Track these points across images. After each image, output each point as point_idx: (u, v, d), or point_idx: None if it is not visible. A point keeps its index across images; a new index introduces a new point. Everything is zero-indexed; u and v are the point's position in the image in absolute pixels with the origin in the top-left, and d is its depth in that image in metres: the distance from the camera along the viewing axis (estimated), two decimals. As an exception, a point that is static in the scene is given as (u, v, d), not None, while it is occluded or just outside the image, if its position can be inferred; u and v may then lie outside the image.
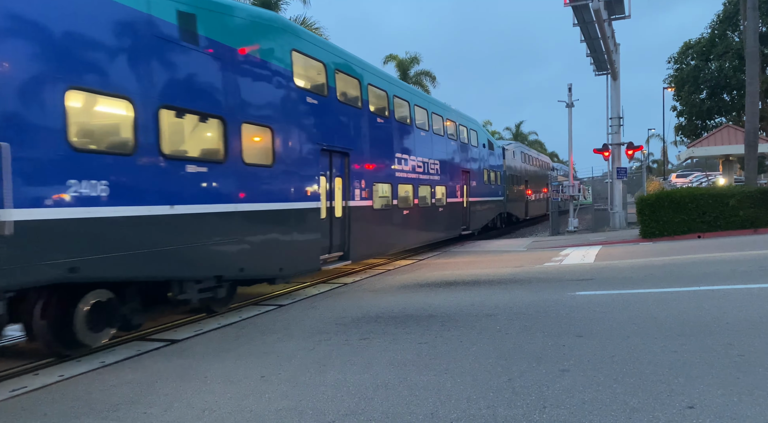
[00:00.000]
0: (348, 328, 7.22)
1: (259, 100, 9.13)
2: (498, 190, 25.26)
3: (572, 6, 18.88)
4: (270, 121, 9.33)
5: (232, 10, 8.53)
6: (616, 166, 23.20)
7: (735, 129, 24.90)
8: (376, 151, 13.37)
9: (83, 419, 4.54)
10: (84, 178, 6.04)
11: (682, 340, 5.58)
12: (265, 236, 9.16)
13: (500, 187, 25.68)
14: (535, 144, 69.06)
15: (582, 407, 4.08)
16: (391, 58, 36.12)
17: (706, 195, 17.01)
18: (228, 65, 8.34)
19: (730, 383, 4.32)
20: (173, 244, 7.26)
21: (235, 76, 8.49)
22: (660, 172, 58.54)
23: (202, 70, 7.86)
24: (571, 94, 25.63)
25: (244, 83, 8.70)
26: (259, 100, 9.11)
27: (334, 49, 12.08)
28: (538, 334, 6.20)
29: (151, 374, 5.68)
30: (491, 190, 24.08)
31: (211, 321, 8.36)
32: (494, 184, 24.56)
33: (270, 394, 4.84)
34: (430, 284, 10.63)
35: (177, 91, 7.39)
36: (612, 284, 9.24)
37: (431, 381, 4.88)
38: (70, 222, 5.91)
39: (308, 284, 11.66)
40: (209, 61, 7.99)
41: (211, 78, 8.02)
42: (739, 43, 31.09)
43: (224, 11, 8.35)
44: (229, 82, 8.35)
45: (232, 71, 8.43)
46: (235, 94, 8.45)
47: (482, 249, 18.37)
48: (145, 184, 6.81)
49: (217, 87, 8.10)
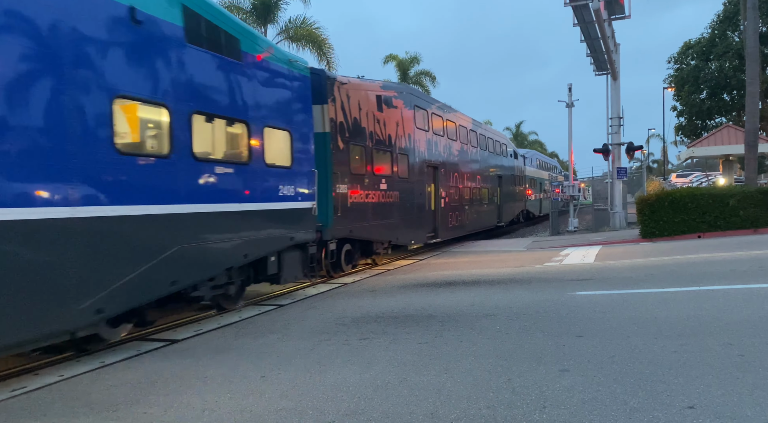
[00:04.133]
0: (348, 328, 7.22)
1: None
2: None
3: (572, 6, 18.89)
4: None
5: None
6: (616, 166, 23.19)
7: (735, 129, 24.88)
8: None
9: (83, 419, 4.54)
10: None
11: (682, 340, 5.57)
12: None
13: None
14: (535, 144, 69.02)
15: (582, 407, 4.08)
16: (391, 58, 36.12)
17: (706, 195, 17.01)
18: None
19: (730, 383, 4.32)
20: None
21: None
22: (660, 172, 58.56)
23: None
24: (571, 94, 25.63)
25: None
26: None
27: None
28: (538, 334, 6.19)
29: (151, 374, 5.68)
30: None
31: (211, 321, 8.36)
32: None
33: (270, 394, 4.84)
34: (430, 284, 10.63)
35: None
36: (612, 284, 9.24)
37: (431, 381, 4.88)
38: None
39: (308, 284, 11.66)
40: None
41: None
42: (739, 43, 31.08)
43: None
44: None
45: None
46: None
47: (482, 249, 18.37)
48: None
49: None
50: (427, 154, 16.91)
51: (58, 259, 5.40)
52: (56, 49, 5.46)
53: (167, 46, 6.90)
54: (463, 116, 21.29)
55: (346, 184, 12.14)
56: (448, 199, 18.45)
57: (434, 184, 17.55)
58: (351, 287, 11.12)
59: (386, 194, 13.99)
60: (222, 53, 7.81)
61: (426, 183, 16.75)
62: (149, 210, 6.48)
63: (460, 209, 19.73)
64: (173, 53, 6.99)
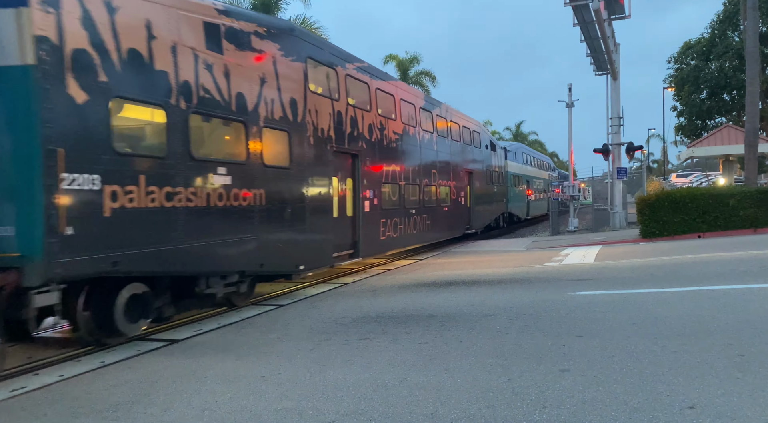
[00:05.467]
0: (348, 328, 7.22)
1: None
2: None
3: (572, 6, 18.88)
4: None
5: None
6: (616, 166, 23.19)
7: (735, 129, 24.89)
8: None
9: (83, 419, 4.54)
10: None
11: (682, 340, 5.57)
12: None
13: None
14: (535, 144, 69.00)
15: (582, 407, 4.08)
16: (391, 58, 36.14)
17: (706, 195, 17.01)
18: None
19: (730, 383, 4.32)
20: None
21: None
22: (660, 172, 58.53)
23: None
24: (571, 94, 25.63)
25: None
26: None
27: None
28: (538, 334, 6.19)
29: (151, 374, 5.68)
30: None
31: (211, 321, 8.36)
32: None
33: (270, 394, 4.84)
34: (430, 284, 10.62)
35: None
36: (612, 284, 9.24)
37: (431, 381, 4.88)
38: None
39: (308, 284, 11.66)
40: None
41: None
42: (739, 43, 31.08)
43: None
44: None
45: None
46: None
47: (482, 249, 18.37)
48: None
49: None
50: (335, 135, 11.25)
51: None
52: None
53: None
54: (409, 88, 16.61)
55: (98, 175, 6.16)
56: (378, 200, 13.21)
57: (353, 180, 12.32)
58: (351, 287, 11.12)
59: (228, 194, 8.09)
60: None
61: (334, 177, 11.32)
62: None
63: (401, 214, 14.56)
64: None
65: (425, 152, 16.37)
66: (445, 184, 17.97)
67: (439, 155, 17.55)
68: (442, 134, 18.00)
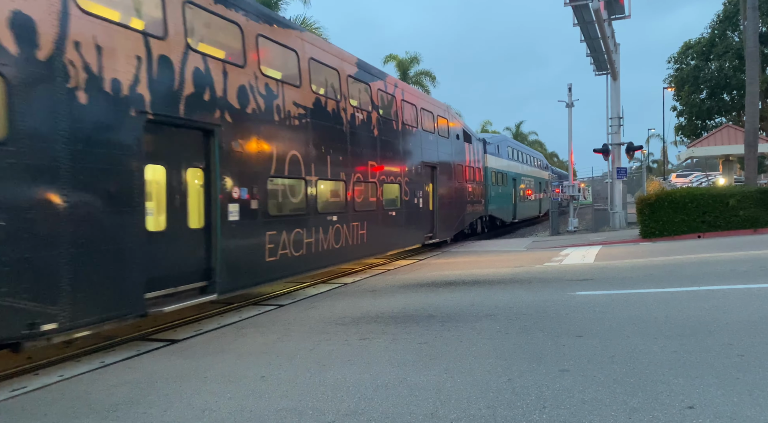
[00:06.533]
0: (348, 328, 7.22)
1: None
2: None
3: (572, 6, 18.88)
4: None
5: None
6: (616, 166, 23.19)
7: (735, 129, 24.90)
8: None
9: (83, 419, 4.54)
10: None
11: (682, 340, 5.58)
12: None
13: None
14: (535, 144, 69.03)
15: (582, 407, 4.08)
16: (391, 58, 36.17)
17: (706, 195, 17.01)
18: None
19: (730, 383, 4.32)
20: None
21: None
22: (660, 172, 58.57)
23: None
24: (571, 94, 25.61)
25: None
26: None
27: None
28: (538, 334, 6.19)
29: (151, 374, 5.68)
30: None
31: (211, 321, 8.36)
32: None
33: (270, 394, 4.84)
34: (430, 284, 10.63)
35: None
36: (612, 284, 9.24)
37: (431, 381, 4.88)
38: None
39: (308, 284, 11.66)
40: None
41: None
42: (739, 43, 31.09)
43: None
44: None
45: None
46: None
47: (482, 249, 18.37)
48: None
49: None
50: (151, 94, 6.90)
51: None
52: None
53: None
54: (329, 46, 11.92)
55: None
56: (259, 202, 8.96)
57: (204, 171, 7.93)
58: (351, 287, 11.12)
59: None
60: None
61: (151, 165, 7.05)
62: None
63: (309, 223, 10.44)
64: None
65: (358, 138, 12.33)
66: (392, 181, 14.05)
67: (382, 143, 13.46)
68: (389, 116, 14.08)
